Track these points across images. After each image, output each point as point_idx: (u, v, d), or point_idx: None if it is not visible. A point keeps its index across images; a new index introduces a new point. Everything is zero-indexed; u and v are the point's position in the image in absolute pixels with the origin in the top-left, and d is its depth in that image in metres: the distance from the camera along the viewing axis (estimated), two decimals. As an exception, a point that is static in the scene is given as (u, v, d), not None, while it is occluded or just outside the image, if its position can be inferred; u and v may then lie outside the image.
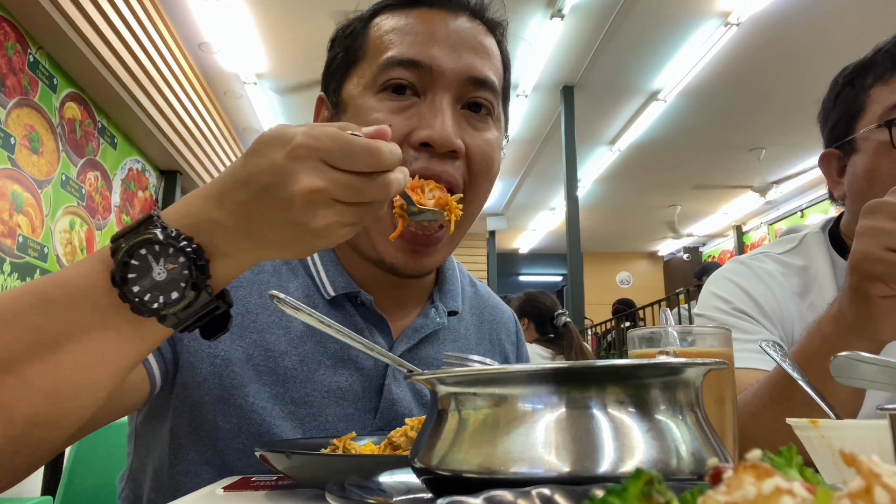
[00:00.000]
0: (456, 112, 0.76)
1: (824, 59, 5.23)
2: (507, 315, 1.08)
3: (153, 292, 0.50)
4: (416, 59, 0.74)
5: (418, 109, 0.75)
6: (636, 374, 0.38)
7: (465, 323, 0.97)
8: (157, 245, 0.50)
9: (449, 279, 0.95)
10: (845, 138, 1.04)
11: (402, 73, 0.74)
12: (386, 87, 0.75)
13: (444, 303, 0.92)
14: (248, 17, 4.63)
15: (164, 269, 0.50)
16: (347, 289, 0.82)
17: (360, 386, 0.81)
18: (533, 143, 7.08)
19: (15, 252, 3.26)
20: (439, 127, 0.73)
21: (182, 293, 0.51)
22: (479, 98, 0.77)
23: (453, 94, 0.76)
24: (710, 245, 11.06)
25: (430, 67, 0.74)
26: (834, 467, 0.52)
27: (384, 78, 0.75)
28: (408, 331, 0.86)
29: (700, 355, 0.61)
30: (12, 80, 3.24)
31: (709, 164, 7.66)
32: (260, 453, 0.57)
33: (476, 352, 0.95)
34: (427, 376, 0.43)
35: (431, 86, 0.75)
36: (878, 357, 0.69)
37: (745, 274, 1.09)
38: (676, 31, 4.94)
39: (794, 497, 0.18)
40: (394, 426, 0.80)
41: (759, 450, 0.21)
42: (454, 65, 0.75)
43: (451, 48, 0.76)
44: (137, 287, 0.50)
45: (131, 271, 0.50)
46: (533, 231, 10.59)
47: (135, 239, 0.50)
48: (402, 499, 0.43)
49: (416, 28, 0.76)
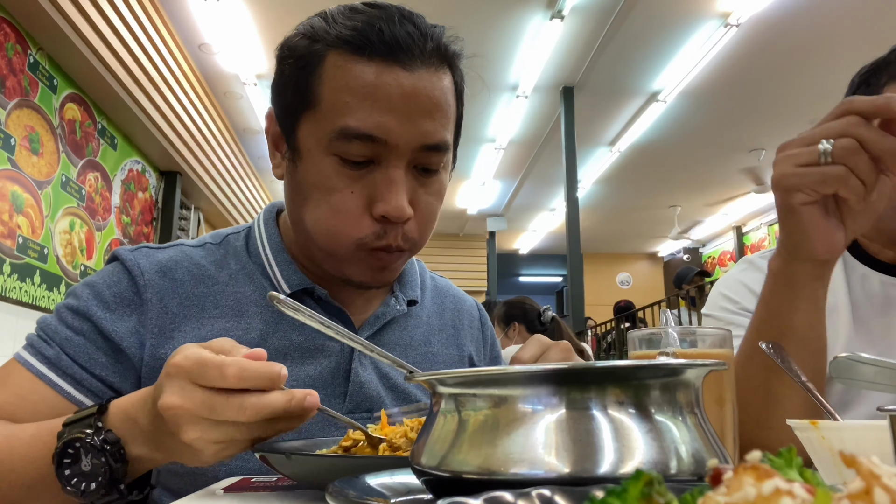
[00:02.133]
0: (408, 178, 0.79)
1: (824, 59, 5.23)
2: (470, 302, 1.12)
3: (79, 478, 0.59)
4: (371, 135, 0.75)
5: (374, 178, 0.77)
6: (636, 376, 0.38)
7: (426, 311, 1.01)
8: (88, 441, 0.59)
9: (408, 271, 0.99)
10: None
11: (358, 147, 0.76)
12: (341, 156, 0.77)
13: (404, 293, 0.96)
14: (248, 18, 4.63)
15: (90, 462, 0.59)
16: (302, 285, 0.86)
17: (328, 373, 0.85)
18: (533, 144, 7.08)
19: (15, 253, 3.26)
20: (394, 202, 0.76)
21: (100, 485, 0.59)
22: (430, 164, 0.81)
23: (406, 161, 0.78)
24: (710, 246, 11.06)
25: (386, 141, 0.76)
26: (834, 468, 0.52)
27: (341, 148, 0.76)
28: (370, 319, 0.91)
29: (700, 356, 0.61)
30: (12, 80, 3.24)
31: (709, 165, 7.66)
32: (260, 454, 0.58)
33: (438, 337, 1.00)
34: (427, 377, 0.43)
35: (386, 155, 0.77)
36: (878, 358, 0.69)
37: (751, 272, 1.10)
38: (676, 31, 4.94)
39: (794, 498, 0.18)
40: (363, 408, 0.85)
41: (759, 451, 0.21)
42: (408, 136, 0.76)
43: (406, 116, 0.76)
44: (68, 471, 0.59)
45: (65, 457, 0.59)
46: (533, 232, 10.59)
47: (71, 435, 0.59)
48: (402, 499, 0.43)
49: (371, 92, 0.75)
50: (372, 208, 0.78)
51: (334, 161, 0.77)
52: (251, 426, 0.55)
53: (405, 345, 0.94)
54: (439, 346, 0.99)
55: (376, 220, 0.78)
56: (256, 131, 6.58)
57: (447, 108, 0.81)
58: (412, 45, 0.76)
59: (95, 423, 0.60)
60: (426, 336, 0.98)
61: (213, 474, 0.77)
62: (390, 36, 0.75)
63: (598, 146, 7.12)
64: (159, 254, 0.86)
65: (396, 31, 0.76)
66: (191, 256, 0.87)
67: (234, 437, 0.55)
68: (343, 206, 0.77)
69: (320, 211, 0.79)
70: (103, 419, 0.60)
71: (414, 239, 0.82)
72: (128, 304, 0.81)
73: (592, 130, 6.62)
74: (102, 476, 0.58)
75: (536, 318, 3.58)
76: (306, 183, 0.79)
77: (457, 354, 1.01)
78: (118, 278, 0.82)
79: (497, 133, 6.74)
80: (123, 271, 0.83)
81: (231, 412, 0.53)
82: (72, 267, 3.86)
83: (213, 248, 0.90)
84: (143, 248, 0.87)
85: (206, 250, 0.90)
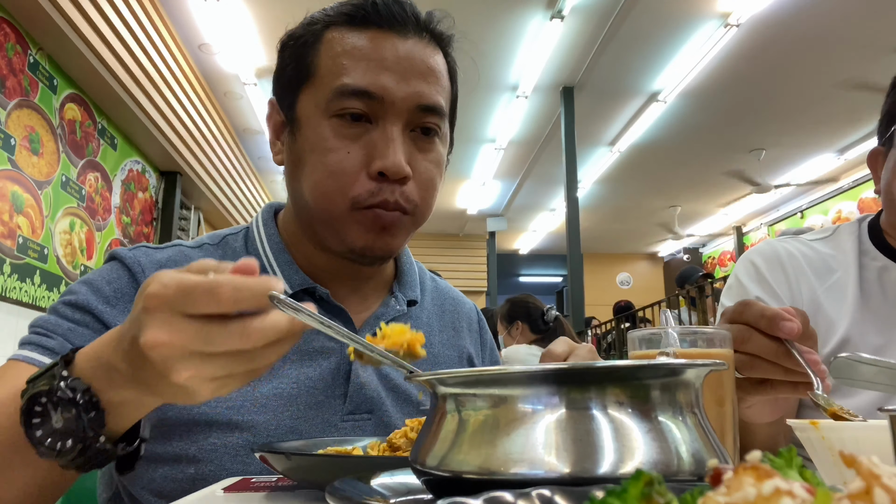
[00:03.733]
0: (406, 138, 0.81)
1: (824, 59, 5.23)
2: (469, 305, 1.12)
3: (53, 438, 0.52)
4: (368, 90, 0.79)
5: (371, 138, 0.80)
6: (636, 375, 0.38)
7: (426, 312, 1.01)
8: (57, 393, 0.52)
9: (407, 271, 0.99)
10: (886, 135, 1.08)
11: (355, 103, 0.79)
12: (339, 114, 0.80)
13: (404, 293, 0.96)
14: (248, 18, 4.63)
15: (61, 417, 0.52)
16: (304, 284, 0.86)
17: (329, 374, 0.84)
18: (533, 144, 7.08)
19: (15, 253, 3.26)
20: (392, 157, 0.78)
21: (76, 441, 0.52)
22: (427, 123, 0.83)
23: (403, 121, 0.81)
24: (710, 246, 11.06)
25: (382, 98, 0.79)
26: (834, 468, 0.52)
27: (338, 106, 0.80)
28: (370, 319, 0.90)
29: (700, 356, 0.61)
30: (12, 81, 3.24)
31: (709, 165, 7.66)
32: (260, 454, 0.58)
33: (438, 338, 1.00)
34: (427, 377, 0.43)
35: (383, 114, 0.80)
36: (877, 358, 0.69)
37: (766, 254, 1.14)
38: (676, 31, 4.94)
39: (794, 498, 0.18)
40: (363, 409, 0.85)
41: (759, 451, 0.21)
42: (404, 94, 0.80)
43: (401, 76, 0.80)
44: (40, 432, 0.53)
45: (34, 416, 0.53)
46: (533, 232, 10.59)
47: (35, 389, 0.53)
48: (402, 500, 0.43)
49: (367, 54, 0.80)
50: (369, 167, 0.79)
51: (332, 124, 0.80)
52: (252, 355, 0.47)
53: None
54: (440, 347, 0.99)
55: (373, 179, 0.79)
56: (256, 131, 6.58)
57: (441, 78, 0.85)
58: (405, 18, 0.83)
59: (60, 374, 0.53)
60: (426, 337, 0.97)
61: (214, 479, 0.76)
62: (384, 8, 0.82)
63: (598, 146, 7.11)
64: (158, 253, 0.86)
65: (390, 5, 0.82)
66: (189, 257, 0.87)
67: (232, 370, 0.48)
68: (339, 166, 0.79)
69: (317, 174, 0.80)
70: (69, 369, 0.54)
71: (414, 201, 0.82)
72: (129, 299, 0.80)
73: (592, 130, 6.62)
74: (77, 430, 0.52)
75: (540, 317, 3.56)
76: (304, 150, 0.81)
77: (456, 355, 1.01)
78: (118, 275, 0.82)
79: (497, 133, 6.74)
80: (123, 268, 0.83)
81: (233, 340, 0.45)
82: (72, 267, 3.86)
83: (211, 249, 0.91)
84: (142, 247, 0.87)
85: (205, 251, 0.90)
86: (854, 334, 1.01)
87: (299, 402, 0.81)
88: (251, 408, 0.79)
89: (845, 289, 1.06)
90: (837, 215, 7.83)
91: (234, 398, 0.78)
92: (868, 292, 1.05)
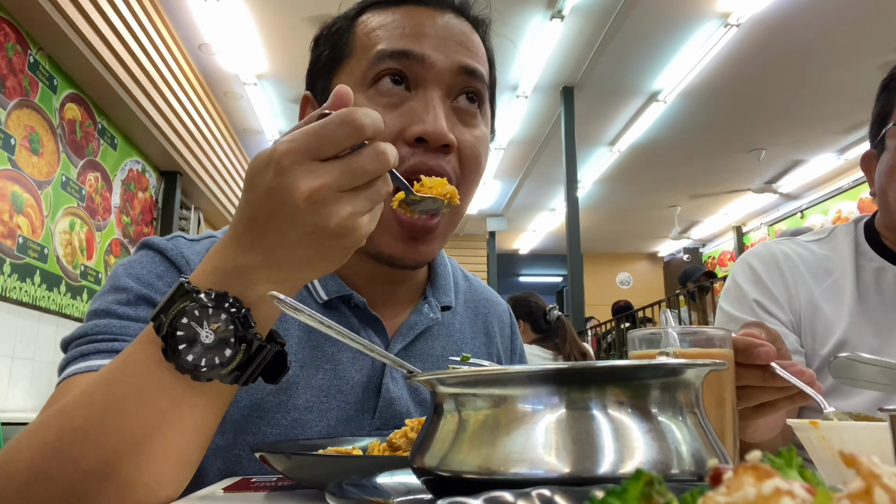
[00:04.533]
0: (447, 107, 0.77)
1: (824, 59, 5.23)
2: (502, 307, 1.07)
3: (206, 356, 0.51)
4: (407, 50, 0.74)
5: (410, 105, 0.75)
6: (636, 375, 0.38)
7: (459, 318, 0.96)
8: (196, 310, 0.51)
9: (441, 274, 0.94)
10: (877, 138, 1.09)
11: (393, 64, 0.75)
12: (378, 79, 0.75)
13: (438, 298, 0.91)
14: (249, 18, 4.63)
15: (210, 331, 0.51)
16: (340, 292, 0.82)
17: (360, 387, 0.81)
18: (533, 144, 7.08)
19: (15, 253, 3.26)
20: (432, 121, 0.72)
21: (234, 349, 0.51)
22: (470, 88, 0.78)
23: (444, 87, 0.76)
24: (710, 246, 11.06)
25: (422, 58, 0.74)
26: (834, 468, 0.52)
27: (375, 70, 0.75)
28: (402, 328, 0.86)
29: (700, 356, 0.61)
30: (12, 81, 3.24)
31: (709, 165, 7.66)
32: (260, 454, 0.57)
33: (471, 345, 0.95)
34: (427, 377, 0.43)
35: (423, 79, 0.75)
36: (877, 358, 0.69)
37: (763, 257, 1.14)
38: (676, 31, 4.94)
39: (794, 498, 0.18)
40: (392, 425, 0.81)
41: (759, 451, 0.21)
42: (444, 56, 0.76)
43: (440, 41, 0.76)
44: (191, 356, 0.51)
45: (180, 342, 0.51)
46: (533, 232, 10.59)
47: (173, 311, 0.51)
48: (402, 499, 0.43)
49: (403, 23, 0.77)
50: (405, 133, 0.73)
51: (369, 94, 0.76)
52: (385, 179, 0.50)
53: (437, 355, 0.89)
54: (473, 355, 0.95)
55: (409, 146, 0.73)
56: (256, 131, 6.58)
57: (480, 52, 0.81)
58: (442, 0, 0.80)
59: (192, 291, 0.51)
60: (458, 346, 0.94)
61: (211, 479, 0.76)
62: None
63: (598, 146, 7.11)
64: (196, 245, 0.81)
65: None
66: None
67: (377, 197, 0.50)
68: None
69: None
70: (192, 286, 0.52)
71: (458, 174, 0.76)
72: None
73: (592, 130, 6.62)
74: (232, 335, 0.51)
75: (542, 316, 3.52)
76: None
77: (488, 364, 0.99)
78: (165, 267, 0.76)
79: (497, 133, 6.72)
80: (165, 261, 0.77)
81: (373, 165, 0.48)
82: (72, 267, 3.86)
83: None
84: (179, 237, 0.81)
85: None
86: (852, 335, 1.01)
87: (329, 417, 0.78)
88: (282, 421, 0.76)
89: (842, 290, 1.06)
90: (837, 215, 7.83)
91: (269, 409, 0.75)
92: (865, 293, 1.05)
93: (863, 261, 1.09)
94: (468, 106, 0.79)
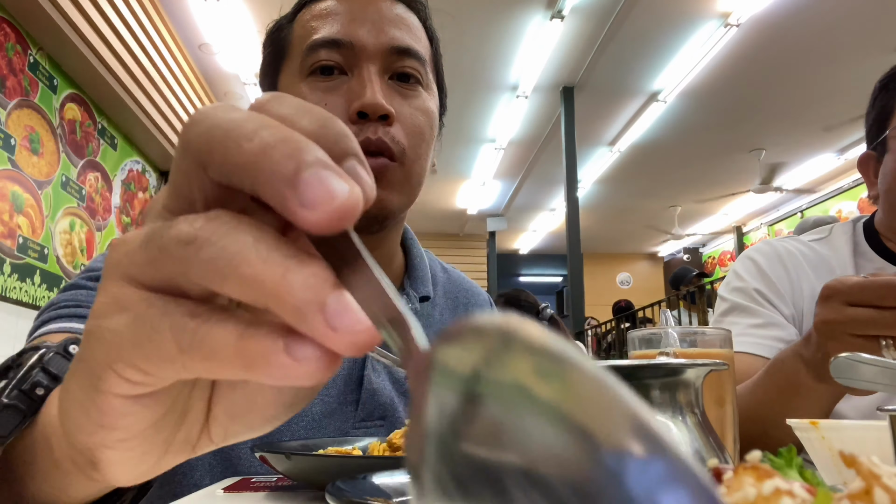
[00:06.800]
0: (384, 82, 0.79)
1: (824, 59, 5.23)
2: (483, 297, 1.08)
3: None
4: (337, 39, 0.77)
5: (348, 86, 0.78)
6: (636, 375, 0.38)
7: (439, 308, 0.97)
8: None
9: (418, 266, 0.96)
10: (878, 140, 1.08)
11: (326, 54, 0.77)
12: (313, 70, 0.78)
13: (415, 289, 0.92)
14: (248, 18, 4.63)
15: None
16: None
17: (341, 380, 0.82)
18: (533, 144, 7.08)
19: (15, 253, 3.26)
20: (370, 95, 0.75)
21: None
22: (405, 68, 0.80)
23: (379, 65, 0.78)
24: (710, 246, 11.05)
25: (352, 44, 0.77)
26: (834, 468, 0.52)
27: (310, 62, 0.78)
28: None
29: (700, 356, 0.61)
30: (12, 81, 3.24)
31: (709, 165, 7.65)
32: (259, 454, 0.57)
33: None
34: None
35: (357, 62, 0.78)
36: (878, 358, 0.69)
37: (765, 252, 1.15)
38: (676, 31, 4.94)
39: (794, 498, 0.18)
40: (376, 416, 0.82)
41: (759, 451, 0.21)
42: (376, 39, 0.78)
43: (372, 24, 0.79)
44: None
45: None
46: (533, 232, 10.59)
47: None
48: (402, 500, 0.43)
49: (335, 10, 0.80)
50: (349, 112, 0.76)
51: (308, 83, 0.79)
52: None
53: None
54: None
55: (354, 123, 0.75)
56: (256, 131, 6.58)
57: (414, 29, 0.83)
58: None
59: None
60: None
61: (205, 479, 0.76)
62: None
63: (598, 146, 7.11)
64: None
65: None
66: None
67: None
68: None
69: None
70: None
71: (401, 144, 0.78)
72: None
73: (592, 130, 6.62)
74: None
75: (534, 314, 3.39)
76: None
77: None
78: None
79: (497, 133, 6.74)
80: None
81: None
82: (72, 267, 3.86)
83: None
84: None
85: None
86: None
87: (314, 412, 0.79)
88: None
89: None
90: (837, 215, 7.83)
91: None
92: None
93: (862, 261, 1.09)
94: (406, 83, 0.81)
